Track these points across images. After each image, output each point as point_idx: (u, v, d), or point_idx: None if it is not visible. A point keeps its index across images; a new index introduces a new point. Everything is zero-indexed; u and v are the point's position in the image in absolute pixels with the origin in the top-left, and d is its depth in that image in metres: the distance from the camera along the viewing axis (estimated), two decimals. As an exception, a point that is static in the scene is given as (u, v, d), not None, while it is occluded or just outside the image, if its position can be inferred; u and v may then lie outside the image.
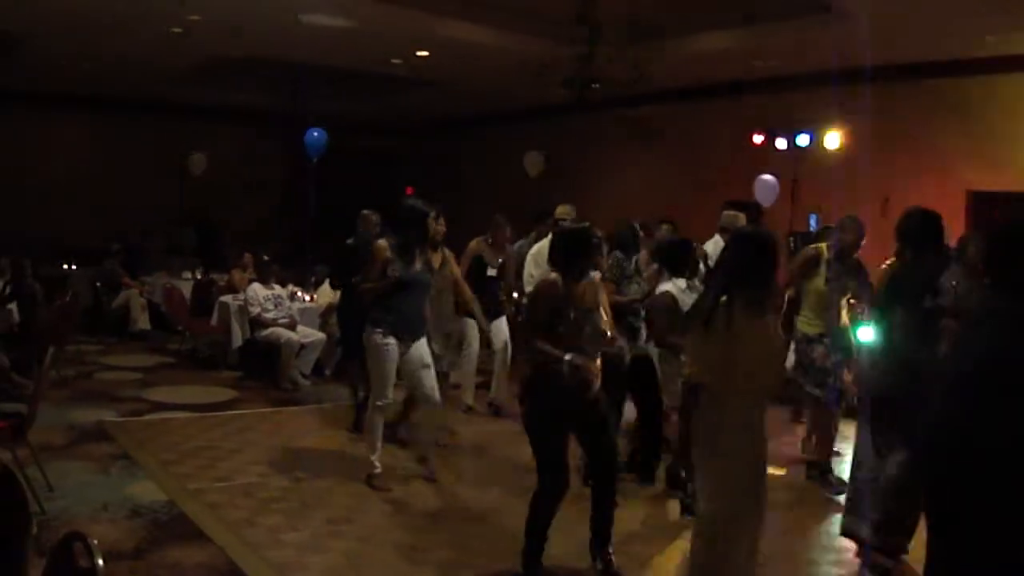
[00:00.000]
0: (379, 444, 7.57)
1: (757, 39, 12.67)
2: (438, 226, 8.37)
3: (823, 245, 7.86)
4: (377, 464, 7.53)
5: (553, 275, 5.77)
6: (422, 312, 7.61)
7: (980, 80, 12.92)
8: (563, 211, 9.91)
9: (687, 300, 6.64)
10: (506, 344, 9.93)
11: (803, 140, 14.00)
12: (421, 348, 7.55)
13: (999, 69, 12.66)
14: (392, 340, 7.34)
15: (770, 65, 13.84)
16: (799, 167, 14.11)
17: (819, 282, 7.65)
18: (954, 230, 7.49)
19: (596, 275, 6.20)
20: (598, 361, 5.71)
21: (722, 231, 9.86)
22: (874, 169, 13.05)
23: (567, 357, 5.48)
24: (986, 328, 4.02)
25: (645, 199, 13.86)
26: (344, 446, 8.56)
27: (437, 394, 7.68)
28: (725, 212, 10.15)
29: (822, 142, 13.80)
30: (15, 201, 17.53)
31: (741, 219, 9.96)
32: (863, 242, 7.72)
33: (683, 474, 6.84)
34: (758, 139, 14.55)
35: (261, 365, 11.75)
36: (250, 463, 8.01)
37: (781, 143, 14.27)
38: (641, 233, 8.49)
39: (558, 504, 5.70)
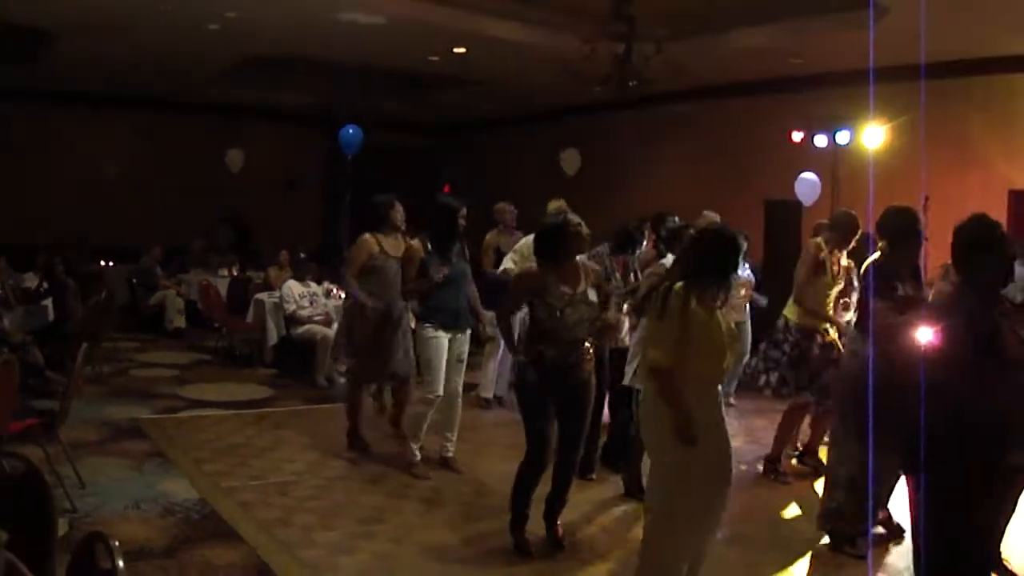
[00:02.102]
0: (422, 435, 7.69)
1: (795, 36, 12.54)
2: (399, 213, 8.44)
3: (821, 240, 7.86)
4: (417, 453, 7.65)
5: (533, 266, 6.21)
6: (464, 304, 7.76)
7: (1022, 78, 12.76)
8: (556, 206, 9.86)
9: None
10: None
11: (843, 137, 13.84)
12: (462, 342, 7.71)
13: (1042, 66, 12.52)
14: (442, 333, 7.49)
15: (809, 62, 13.70)
16: (839, 165, 13.96)
17: (828, 277, 7.65)
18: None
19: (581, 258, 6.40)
20: (588, 345, 6.10)
21: None
22: (915, 167, 12.89)
23: (520, 358, 6.13)
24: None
25: (683, 197, 13.73)
26: (378, 444, 8.46)
27: (460, 390, 7.82)
28: (704, 213, 10.11)
29: (861, 140, 13.64)
30: (52, 199, 17.70)
31: (716, 219, 9.95)
32: (858, 236, 7.75)
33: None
34: (797, 136, 14.39)
35: (297, 362, 11.75)
36: (284, 461, 7.98)
37: (821, 140, 14.11)
38: (647, 230, 8.53)
39: (539, 476, 6.12)
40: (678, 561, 4.83)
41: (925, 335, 4.41)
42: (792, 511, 7.34)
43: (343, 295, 11.67)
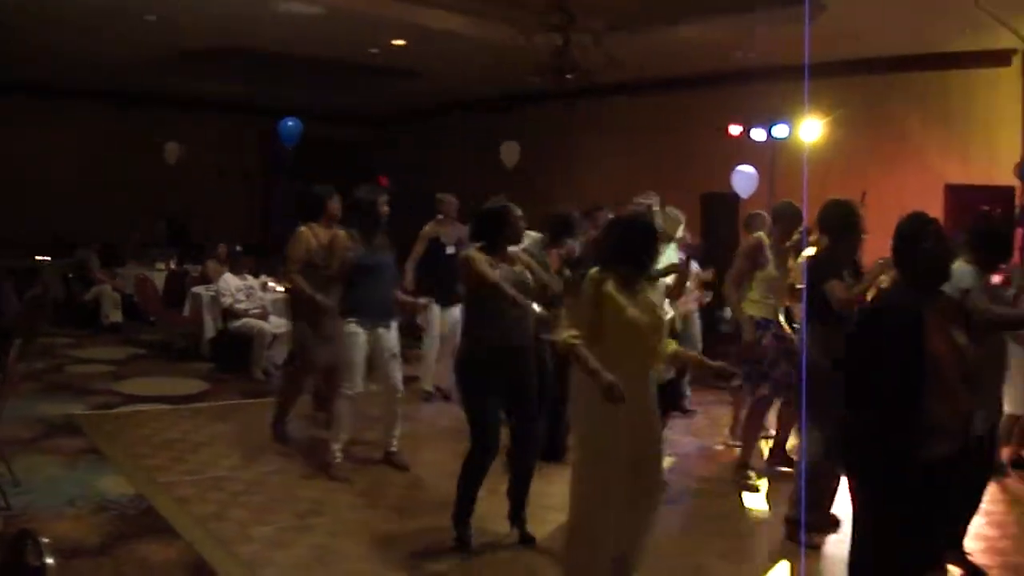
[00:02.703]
0: (343, 434, 7.56)
1: (735, 30, 12.62)
2: (335, 205, 8.31)
3: (761, 233, 7.89)
4: (339, 454, 7.52)
5: (473, 249, 6.14)
6: (389, 297, 7.66)
7: (959, 74, 12.93)
8: (496, 202, 9.88)
9: None
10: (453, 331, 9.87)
11: (780, 131, 13.95)
12: (390, 336, 7.59)
13: (978, 63, 12.67)
14: (360, 330, 7.39)
15: (749, 56, 13.80)
16: (776, 158, 14.07)
17: (771, 268, 7.64)
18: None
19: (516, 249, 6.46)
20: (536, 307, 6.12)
21: None
22: (852, 161, 13.06)
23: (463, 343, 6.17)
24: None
25: (621, 190, 13.78)
26: (315, 438, 8.43)
27: (400, 385, 7.76)
28: (635, 200, 10.11)
29: (798, 134, 13.75)
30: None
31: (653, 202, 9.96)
32: (801, 227, 7.76)
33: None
34: (735, 130, 14.48)
35: (234, 356, 11.66)
36: (220, 456, 7.94)
37: (758, 134, 14.22)
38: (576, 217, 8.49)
39: (486, 467, 6.03)
40: (598, 546, 4.87)
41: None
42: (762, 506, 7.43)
43: (280, 288, 11.65)
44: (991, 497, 7.33)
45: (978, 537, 6.44)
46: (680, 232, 8.71)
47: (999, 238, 5.86)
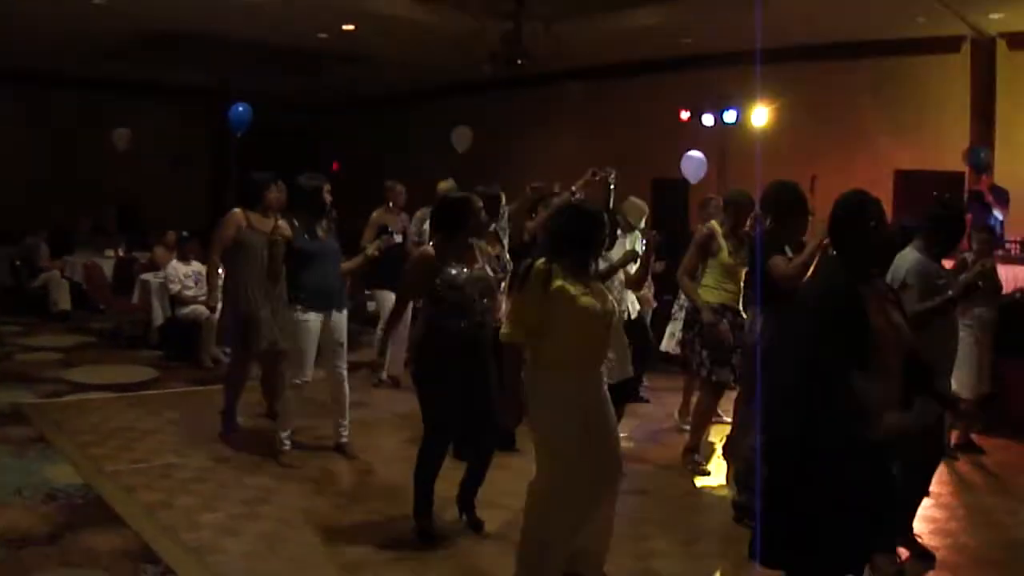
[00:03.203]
0: (291, 422, 7.55)
1: (685, 16, 12.69)
2: (279, 194, 8.27)
3: (714, 222, 7.89)
4: (287, 442, 7.51)
5: (427, 247, 6.04)
6: (336, 283, 7.57)
7: (909, 60, 13.10)
8: (445, 186, 9.86)
9: None
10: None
11: (730, 117, 14.04)
12: (339, 323, 7.53)
13: (928, 50, 12.81)
14: (312, 316, 7.33)
15: (698, 42, 13.86)
16: (726, 144, 14.16)
17: (723, 255, 7.65)
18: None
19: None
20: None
21: None
22: (802, 147, 13.18)
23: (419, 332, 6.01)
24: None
25: (573, 176, 13.79)
26: (264, 425, 8.43)
27: (346, 373, 7.68)
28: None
29: (749, 119, 13.84)
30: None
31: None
32: (754, 214, 7.73)
33: None
34: (685, 115, 14.57)
35: (182, 343, 11.62)
36: (169, 443, 7.91)
37: (708, 120, 14.30)
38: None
39: (442, 455, 6.00)
40: (552, 546, 4.84)
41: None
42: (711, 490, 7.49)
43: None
44: (939, 479, 7.44)
45: (926, 519, 6.55)
46: (643, 223, 8.77)
47: (954, 223, 5.92)
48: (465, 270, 5.87)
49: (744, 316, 7.57)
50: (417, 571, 5.51)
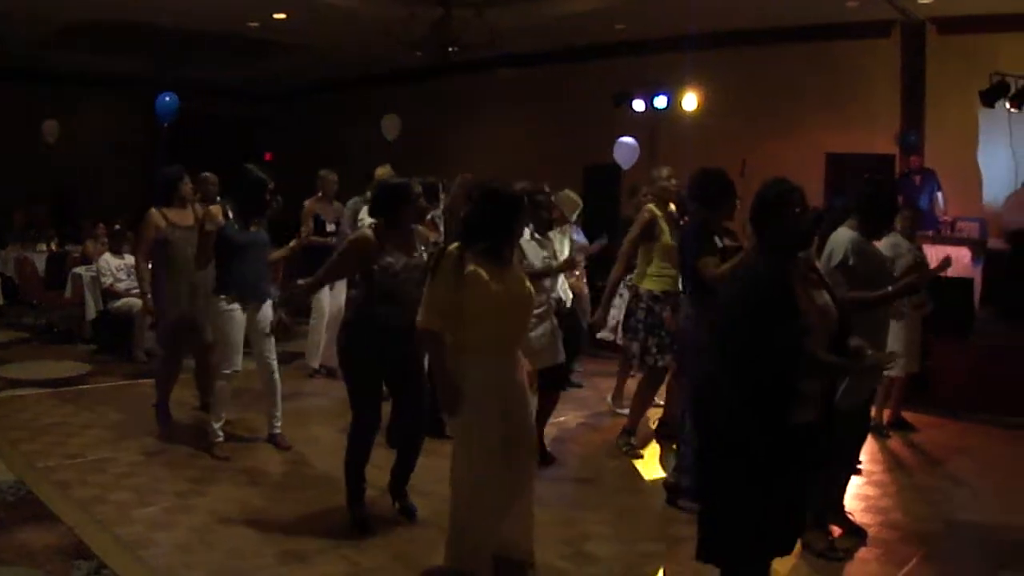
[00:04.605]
0: (223, 413, 7.55)
1: (618, 3, 12.75)
2: (188, 186, 8.35)
3: (652, 206, 7.88)
4: (220, 433, 7.49)
5: (367, 230, 5.97)
6: (263, 275, 7.57)
7: (839, 45, 13.27)
8: (383, 172, 9.88)
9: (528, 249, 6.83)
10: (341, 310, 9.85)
11: (660, 102, 14.15)
12: (265, 314, 7.51)
13: (858, 34, 12.98)
14: (237, 306, 7.32)
15: (630, 29, 13.94)
16: (657, 129, 14.27)
17: (665, 239, 7.66)
18: (812, 192, 7.72)
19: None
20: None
21: None
22: (732, 131, 13.31)
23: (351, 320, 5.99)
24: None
25: (505, 163, 13.87)
26: (197, 417, 8.43)
27: (275, 363, 7.65)
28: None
29: (680, 104, 13.96)
30: None
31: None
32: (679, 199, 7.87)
33: None
34: (617, 101, 14.66)
35: (115, 337, 11.59)
36: (102, 438, 7.87)
37: (639, 105, 14.40)
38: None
39: (371, 442, 6.04)
40: (479, 529, 4.87)
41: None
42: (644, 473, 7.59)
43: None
44: (871, 457, 7.64)
45: (859, 497, 6.72)
46: (575, 216, 8.84)
47: (886, 204, 6.00)
48: (404, 259, 5.85)
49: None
50: (352, 559, 5.55)
